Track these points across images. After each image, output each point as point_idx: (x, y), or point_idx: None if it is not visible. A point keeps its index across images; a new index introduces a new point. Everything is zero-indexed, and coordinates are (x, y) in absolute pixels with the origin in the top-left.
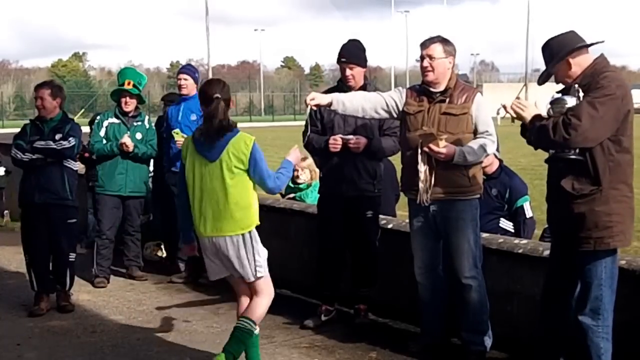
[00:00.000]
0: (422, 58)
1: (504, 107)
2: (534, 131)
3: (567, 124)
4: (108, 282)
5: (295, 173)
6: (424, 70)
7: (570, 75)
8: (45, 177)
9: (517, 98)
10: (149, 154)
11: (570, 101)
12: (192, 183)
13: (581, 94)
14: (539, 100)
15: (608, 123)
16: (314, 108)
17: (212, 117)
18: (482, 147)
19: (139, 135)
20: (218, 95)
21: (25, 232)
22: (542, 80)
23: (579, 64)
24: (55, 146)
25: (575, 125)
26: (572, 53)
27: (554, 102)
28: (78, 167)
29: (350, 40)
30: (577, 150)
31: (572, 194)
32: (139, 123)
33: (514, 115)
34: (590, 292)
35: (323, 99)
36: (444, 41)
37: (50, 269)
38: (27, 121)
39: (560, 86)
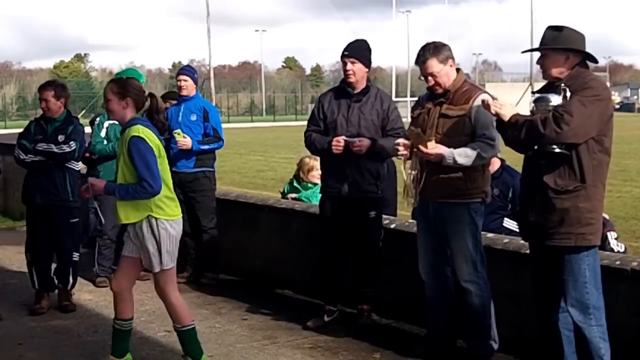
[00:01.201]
0: (425, 77)
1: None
2: (520, 127)
3: (558, 118)
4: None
5: (314, 173)
6: (432, 87)
7: (559, 70)
8: (46, 179)
9: (494, 98)
10: None
11: (555, 99)
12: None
13: (568, 93)
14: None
15: (595, 122)
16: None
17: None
18: (477, 151)
19: None
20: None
21: (28, 230)
22: (527, 51)
23: (571, 63)
24: (56, 150)
25: (567, 120)
26: (576, 53)
27: (538, 100)
28: (80, 167)
29: (356, 39)
30: (564, 146)
31: (555, 189)
32: None
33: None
34: (574, 291)
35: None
36: (435, 51)
37: (54, 268)
38: (30, 120)
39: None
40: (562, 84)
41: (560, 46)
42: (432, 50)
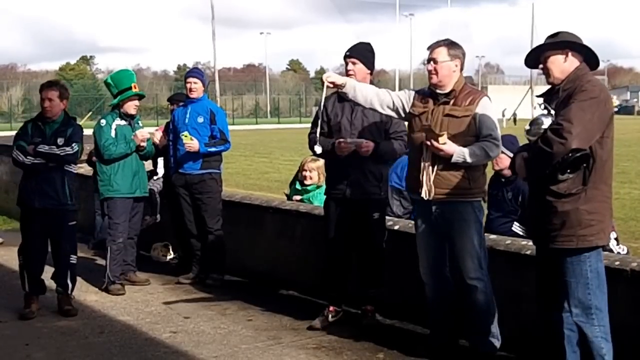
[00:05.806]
0: (428, 61)
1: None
2: (530, 162)
3: (557, 130)
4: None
5: (305, 174)
6: (429, 73)
7: (560, 69)
8: (45, 182)
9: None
10: (151, 151)
11: (546, 121)
12: None
13: (552, 112)
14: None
15: (596, 124)
16: (330, 85)
17: None
18: (485, 150)
19: None
20: None
21: (23, 233)
22: (532, 61)
23: (571, 64)
24: (58, 152)
25: (567, 127)
26: (575, 53)
27: (532, 123)
28: (76, 169)
29: (360, 42)
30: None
31: (557, 192)
32: (137, 123)
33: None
34: (577, 292)
35: (338, 79)
36: (450, 44)
37: (50, 271)
38: (26, 120)
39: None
40: (542, 105)
41: (558, 40)
42: (447, 42)
